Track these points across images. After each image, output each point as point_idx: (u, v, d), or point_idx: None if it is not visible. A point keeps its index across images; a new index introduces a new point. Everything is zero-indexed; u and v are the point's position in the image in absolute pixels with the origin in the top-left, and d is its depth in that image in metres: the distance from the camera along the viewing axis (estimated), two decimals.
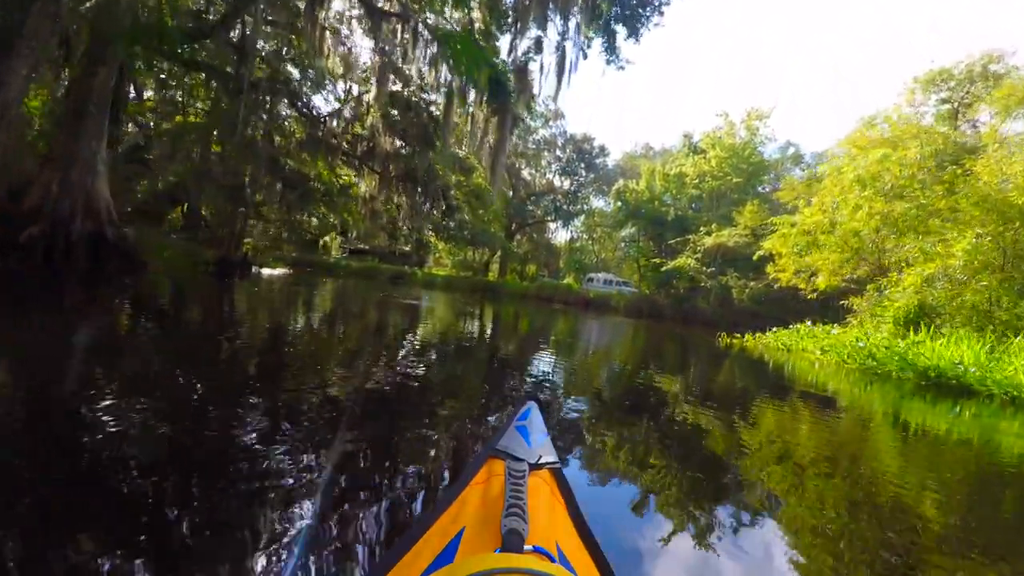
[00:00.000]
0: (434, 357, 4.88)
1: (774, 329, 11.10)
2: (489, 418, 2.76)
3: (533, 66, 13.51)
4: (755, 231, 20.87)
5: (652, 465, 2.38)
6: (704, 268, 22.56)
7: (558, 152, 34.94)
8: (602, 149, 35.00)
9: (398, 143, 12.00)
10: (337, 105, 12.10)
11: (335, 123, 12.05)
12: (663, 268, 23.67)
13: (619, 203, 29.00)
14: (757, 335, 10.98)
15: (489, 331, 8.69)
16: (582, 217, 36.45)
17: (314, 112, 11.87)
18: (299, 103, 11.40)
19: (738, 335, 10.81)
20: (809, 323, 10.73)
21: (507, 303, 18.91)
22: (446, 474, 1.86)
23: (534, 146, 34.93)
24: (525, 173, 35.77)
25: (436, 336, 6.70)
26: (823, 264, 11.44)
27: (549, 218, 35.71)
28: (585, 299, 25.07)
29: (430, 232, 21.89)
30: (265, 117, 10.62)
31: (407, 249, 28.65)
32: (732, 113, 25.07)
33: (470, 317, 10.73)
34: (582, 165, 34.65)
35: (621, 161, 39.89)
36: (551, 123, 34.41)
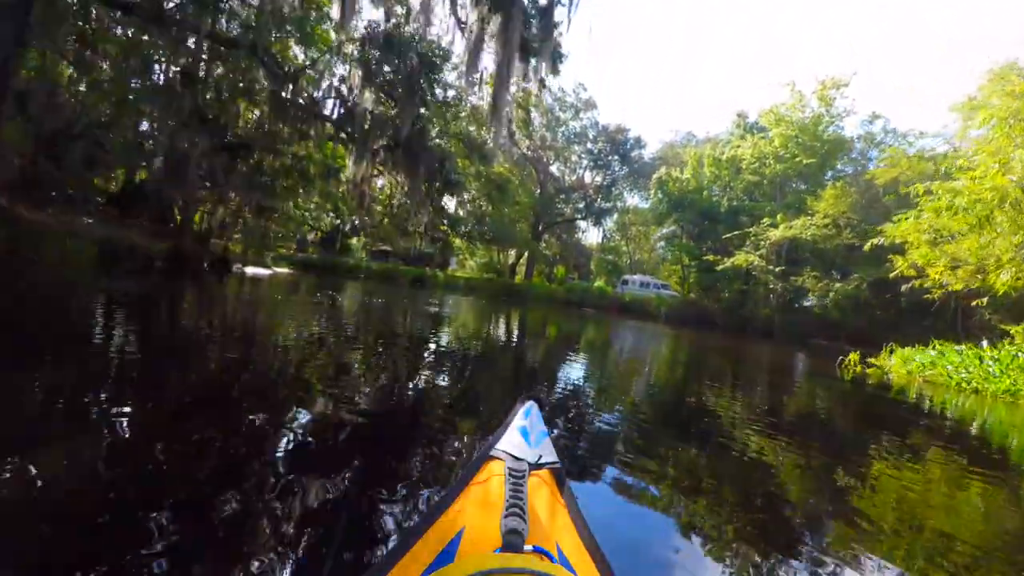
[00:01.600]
0: (441, 374, 3.97)
1: (894, 346, 7.36)
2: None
3: (560, 13, 10.42)
4: (837, 220, 16.92)
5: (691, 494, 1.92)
6: (769, 267, 18.58)
7: (589, 145, 31.97)
8: (638, 141, 31.67)
9: (380, 100, 9.15)
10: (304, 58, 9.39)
11: (303, 80, 9.30)
12: (718, 267, 19.79)
13: (660, 194, 25.29)
14: (881, 358, 7.36)
15: (511, 348, 5.93)
16: (615, 215, 33.07)
17: (276, 62, 9.13)
18: (256, 49, 8.65)
19: (874, 360, 7.19)
20: (984, 344, 6.93)
21: (533, 308, 16.72)
22: (446, 474, 1.77)
23: (564, 139, 32.18)
24: (554, 168, 32.97)
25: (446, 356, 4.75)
26: (1005, 253, 7.41)
27: (579, 216, 32.58)
28: (620, 303, 22.14)
29: (444, 224, 19.02)
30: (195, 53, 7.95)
31: (430, 250, 26.48)
32: (800, 83, 20.99)
33: (490, 327, 8.33)
34: (615, 158, 31.61)
35: (659, 152, 36.10)
36: (582, 114, 31.48)
